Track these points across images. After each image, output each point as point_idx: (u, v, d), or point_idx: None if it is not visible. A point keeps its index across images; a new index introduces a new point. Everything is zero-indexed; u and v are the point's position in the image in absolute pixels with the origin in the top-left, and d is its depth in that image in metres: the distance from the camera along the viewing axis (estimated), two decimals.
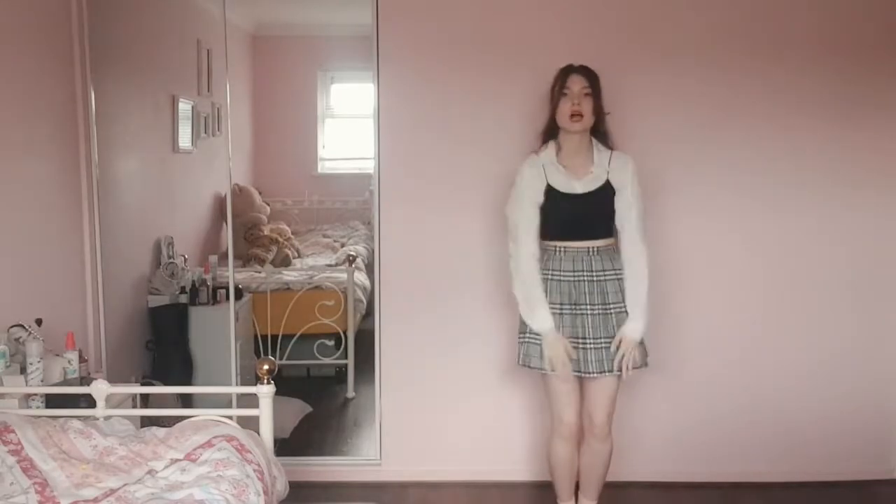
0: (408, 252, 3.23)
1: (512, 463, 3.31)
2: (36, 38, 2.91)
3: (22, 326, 2.56)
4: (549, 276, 2.63)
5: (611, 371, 2.61)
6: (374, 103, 3.18)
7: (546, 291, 2.62)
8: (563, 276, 2.62)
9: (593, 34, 3.10)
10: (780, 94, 3.15)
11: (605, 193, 2.62)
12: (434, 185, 3.20)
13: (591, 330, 2.61)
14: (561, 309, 2.61)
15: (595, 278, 2.61)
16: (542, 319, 2.59)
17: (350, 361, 4.32)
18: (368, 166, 3.52)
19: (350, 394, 4.31)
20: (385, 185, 3.21)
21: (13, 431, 2.11)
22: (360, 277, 4.74)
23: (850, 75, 3.15)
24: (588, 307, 2.61)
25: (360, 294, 4.57)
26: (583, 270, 2.61)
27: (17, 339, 2.53)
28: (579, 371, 2.61)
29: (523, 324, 2.70)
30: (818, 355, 3.29)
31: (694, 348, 3.25)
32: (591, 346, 2.61)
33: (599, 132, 2.67)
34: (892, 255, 3.27)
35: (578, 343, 2.60)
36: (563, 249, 2.63)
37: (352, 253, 4.90)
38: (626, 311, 2.62)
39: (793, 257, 3.24)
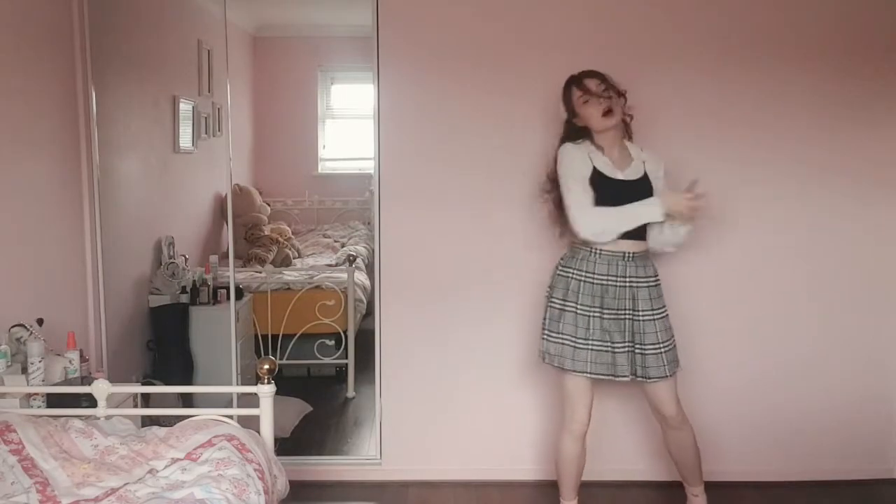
0: (408, 252, 3.23)
1: (512, 462, 3.32)
2: (37, 39, 2.91)
3: (23, 326, 2.56)
4: (583, 278, 2.62)
5: (644, 377, 2.61)
6: (374, 103, 3.18)
7: (577, 292, 2.61)
8: (596, 278, 2.61)
9: (594, 33, 3.11)
10: (777, 97, 3.15)
11: (647, 183, 2.63)
12: (434, 184, 3.20)
13: (619, 334, 2.60)
14: (591, 312, 2.60)
15: (627, 284, 2.60)
16: (646, 207, 2.56)
17: (350, 361, 4.33)
18: (368, 166, 3.52)
19: (350, 393, 4.31)
20: (385, 185, 3.21)
21: (14, 431, 2.12)
22: (361, 277, 4.75)
23: (852, 78, 3.15)
24: (617, 312, 2.60)
25: (360, 294, 4.58)
26: (616, 276, 2.60)
27: (18, 339, 2.54)
28: (613, 375, 2.60)
29: (552, 321, 2.67)
30: (818, 355, 3.29)
31: (693, 347, 3.24)
32: (621, 349, 2.60)
33: (625, 128, 2.71)
34: (894, 254, 3.27)
35: (608, 346, 2.59)
36: (598, 252, 2.61)
37: (352, 253, 4.91)
38: (660, 319, 2.63)
39: (793, 256, 3.25)
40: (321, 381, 4.50)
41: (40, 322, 2.63)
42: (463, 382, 3.28)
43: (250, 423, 2.34)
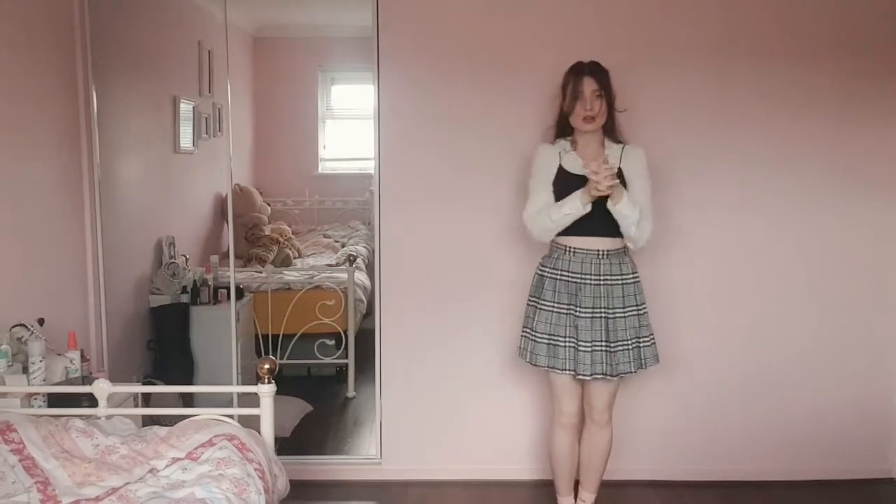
0: (408, 252, 3.24)
1: (512, 462, 3.32)
2: (37, 39, 2.92)
3: (24, 326, 2.56)
4: (557, 276, 2.64)
5: (611, 375, 2.61)
6: (374, 104, 3.18)
7: (552, 290, 2.63)
8: (570, 276, 2.62)
9: (595, 34, 3.11)
10: (778, 96, 3.16)
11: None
12: (434, 184, 3.21)
13: (590, 333, 2.59)
14: (559, 308, 2.62)
15: (602, 282, 2.60)
16: (570, 202, 2.54)
17: (350, 361, 4.33)
18: (368, 166, 3.53)
19: (350, 393, 4.32)
20: (385, 185, 3.22)
21: (15, 430, 2.12)
22: (361, 277, 4.75)
23: (855, 76, 3.15)
24: (590, 310, 2.60)
25: (360, 294, 4.58)
26: (589, 274, 2.60)
27: (19, 339, 2.54)
28: (574, 371, 2.61)
29: (528, 318, 2.72)
30: (819, 354, 3.29)
31: (693, 347, 3.26)
32: (590, 348, 2.60)
33: (608, 128, 2.67)
34: (894, 254, 3.27)
35: (577, 344, 2.60)
36: (571, 250, 2.63)
37: (352, 253, 4.91)
38: (630, 317, 2.62)
39: (793, 255, 3.25)
40: (321, 381, 4.50)
41: (41, 322, 2.63)
42: (463, 382, 3.29)
43: (250, 423, 2.35)
